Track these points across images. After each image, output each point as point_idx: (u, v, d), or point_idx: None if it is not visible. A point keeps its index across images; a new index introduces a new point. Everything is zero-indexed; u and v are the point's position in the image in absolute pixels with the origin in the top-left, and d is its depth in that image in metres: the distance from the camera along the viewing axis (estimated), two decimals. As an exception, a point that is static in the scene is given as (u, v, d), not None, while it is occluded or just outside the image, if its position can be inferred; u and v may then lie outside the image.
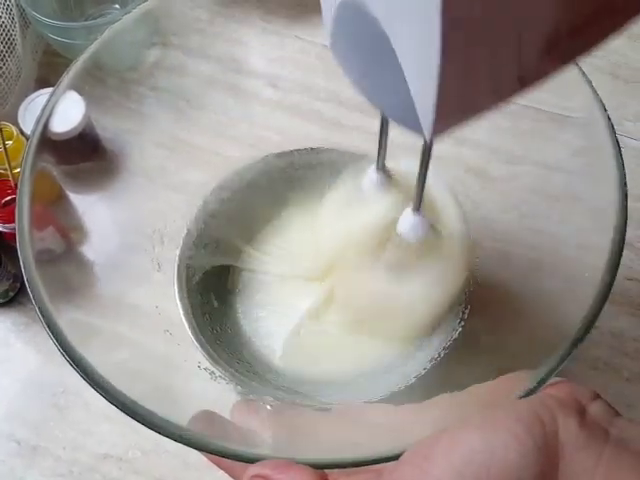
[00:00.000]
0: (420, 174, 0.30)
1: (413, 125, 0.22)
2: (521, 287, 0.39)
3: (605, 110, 0.33)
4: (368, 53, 0.22)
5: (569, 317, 0.29)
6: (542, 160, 0.41)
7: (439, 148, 0.46)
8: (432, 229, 0.35)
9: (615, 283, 0.29)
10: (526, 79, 0.22)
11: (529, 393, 0.26)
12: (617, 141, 0.32)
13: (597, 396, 0.23)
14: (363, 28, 0.21)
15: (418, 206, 0.33)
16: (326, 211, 0.41)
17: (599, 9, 0.21)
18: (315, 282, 0.43)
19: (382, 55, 0.21)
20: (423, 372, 0.38)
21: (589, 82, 0.34)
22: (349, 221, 0.39)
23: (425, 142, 0.28)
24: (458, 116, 0.22)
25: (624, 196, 0.31)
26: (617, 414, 0.23)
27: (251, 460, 0.24)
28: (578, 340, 0.27)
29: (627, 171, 0.32)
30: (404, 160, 0.35)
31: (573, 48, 0.22)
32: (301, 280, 0.43)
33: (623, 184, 0.31)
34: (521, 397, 0.25)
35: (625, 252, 0.30)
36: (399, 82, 0.21)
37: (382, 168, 0.36)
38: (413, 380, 0.38)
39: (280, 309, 0.43)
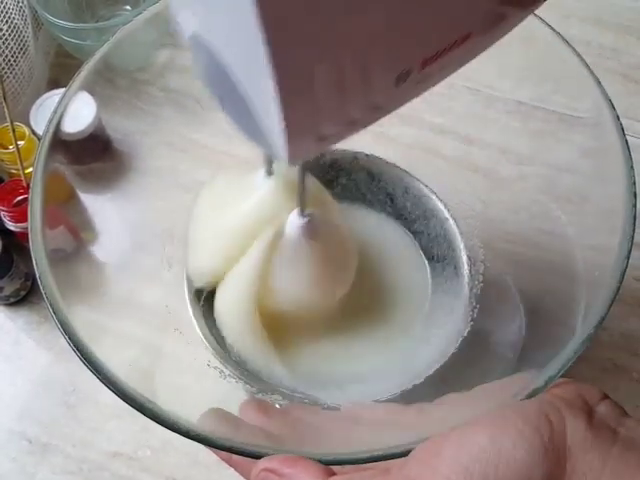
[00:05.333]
0: (299, 181, 0.33)
1: (273, 153, 0.23)
2: (530, 287, 0.39)
3: (614, 110, 0.33)
4: (221, 83, 0.22)
5: (577, 317, 0.29)
6: (551, 161, 0.41)
7: (448, 148, 0.46)
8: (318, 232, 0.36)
9: (625, 284, 0.29)
10: (381, 108, 0.22)
11: (536, 393, 0.26)
12: (626, 142, 0.32)
13: (605, 396, 0.23)
14: (210, 60, 0.21)
15: (302, 210, 0.35)
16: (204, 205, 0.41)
17: (451, 40, 0.21)
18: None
19: (232, 86, 0.21)
20: (432, 371, 0.38)
21: (598, 83, 0.34)
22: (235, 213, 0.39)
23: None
24: (313, 145, 0.23)
25: (633, 196, 0.31)
26: (625, 414, 0.23)
27: (260, 456, 0.25)
28: (585, 340, 0.27)
29: (636, 172, 0.32)
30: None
31: (428, 76, 0.22)
32: None
33: (632, 184, 0.31)
34: (528, 397, 0.26)
35: (634, 252, 0.30)
36: (249, 115, 0.21)
37: (270, 174, 0.38)
38: (422, 379, 0.38)
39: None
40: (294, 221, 0.35)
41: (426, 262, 0.45)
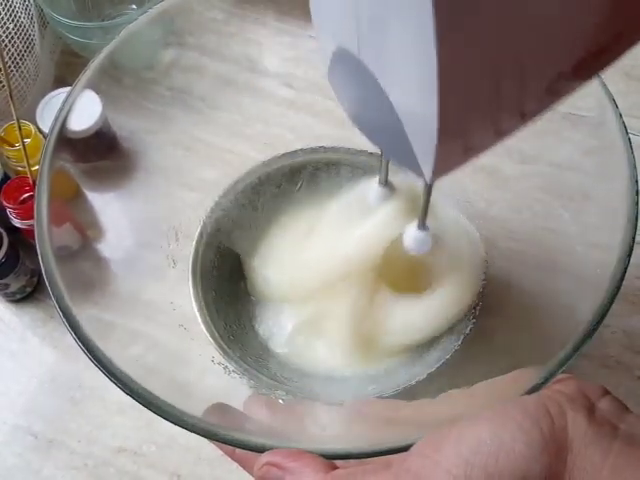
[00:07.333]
0: (424, 201, 0.31)
1: (413, 168, 0.22)
2: (533, 285, 0.39)
3: (617, 109, 0.33)
4: (363, 95, 0.21)
5: (580, 314, 0.29)
6: (555, 159, 0.41)
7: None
8: (438, 245, 0.36)
9: (627, 282, 0.29)
10: (528, 114, 0.22)
11: (537, 389, 0.26)
12: (629, 140, 0.32)
13: (606, 392, 0.23)
14: (356, 71, 0.21)
15: (423, 224, 0.34)
16: (326, 226, 0.41)
17: (603, 47, 0.21)
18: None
19: (376, 99, 0.21)
20: (435, 369, 0.39)
21: (602, 81, 0.34)
22: (351, 237, 0.39)
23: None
24: (458, 158, 0.22)
25: (635, 194, 0.31)
26: (627, 410, 0.23)
27: (263, 449, 0.25)
28: (586, 338, 0.28)
29: (639, 170, 0.32)
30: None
31: (575, 81, 0.22)
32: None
33: (634, 183, 0.31)
34: (530, 392, 0.26)
35: (636, 250, 0.30)
36: (394, 126, 0.21)
37: (385, 182, 0.37)
38: (425, 376, 0.38)
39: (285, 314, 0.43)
40: (413, 234, 0.34)
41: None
